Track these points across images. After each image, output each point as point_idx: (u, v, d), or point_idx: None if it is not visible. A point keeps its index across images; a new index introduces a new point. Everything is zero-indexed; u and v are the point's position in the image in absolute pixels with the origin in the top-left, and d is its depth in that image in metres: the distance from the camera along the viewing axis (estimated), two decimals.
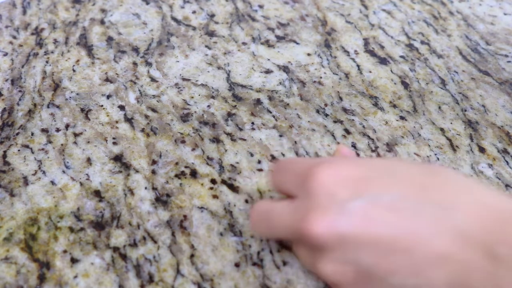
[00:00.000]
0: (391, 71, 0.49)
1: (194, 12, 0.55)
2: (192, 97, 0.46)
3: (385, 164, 0.28)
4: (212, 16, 0.55)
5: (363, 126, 0.44)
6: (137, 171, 0.40)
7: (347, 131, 0.43)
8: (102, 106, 0.45)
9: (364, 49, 0.51)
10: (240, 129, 0.43)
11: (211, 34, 0.53)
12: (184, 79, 0.48)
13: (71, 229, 0.36)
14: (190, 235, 0.36)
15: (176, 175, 0.40)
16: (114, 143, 0.42)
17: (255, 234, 0.33)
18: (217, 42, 0.52)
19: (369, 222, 0.26)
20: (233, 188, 0.39)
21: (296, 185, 0.29)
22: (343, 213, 0.26)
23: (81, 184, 0.39)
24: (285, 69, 0.49)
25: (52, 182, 0.39)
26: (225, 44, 0.51)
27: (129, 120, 0.44)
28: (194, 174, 0.40)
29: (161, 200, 0.38)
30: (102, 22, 0.54)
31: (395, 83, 0.46)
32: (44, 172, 0.40)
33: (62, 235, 0.36)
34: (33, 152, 0.42)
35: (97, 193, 0.39)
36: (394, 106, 0.45)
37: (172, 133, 0.43)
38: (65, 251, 0.35)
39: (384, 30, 0.54)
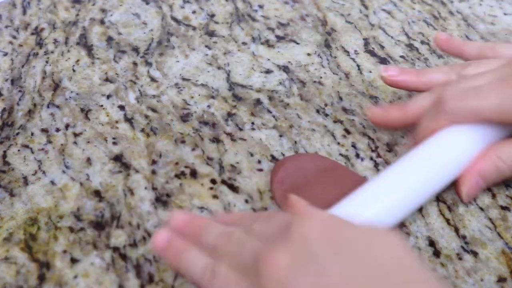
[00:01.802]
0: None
1: (194, 12, 0.55)
2: (192, 97, 0.46)
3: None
4: (212, 16, 0.55)
5: (363, 126, 0.44)
6: (137, 171, 0.40)
7: (347, 131, 0.43)
8: (102, 106, 0.45)
9: (364, 49, 0.51)
10: (240, 129, 0.43)
11: (211, 34, 0.53)
12: (184, 79, 0.48)
13: (71, 229, 0.36)
14: None
15: (176, 175, 0.40)
16: (114, 143, 0.42)
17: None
18: (217, 42, 0.52)
19: None
20: (233, 188, 0.39)
21: (276, 230, 0.29)
22: (306, 265, 0.26)
23: (81, 184, 0.39)
24: (285, 69, 0.49)
25: (52, 182, 0.39)
26: (225, 44, 0.51)
27: (129, 120, 0.44)
28: (194, 174, 0.40)
29: (161, 200, 0.38)
30: (102, 22, 0.54)
31: None
32: (44, 172, 0.40)
33: (62, 235, 0.36)
34: (33, 152, 0.42)
35: (97, 193, 0.39)
36: None
37: (172, 133, 0.43)
38: (65, 251, 0.35)
39: (384, 30, 0.54)
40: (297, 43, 0.52)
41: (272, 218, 0.31)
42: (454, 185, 0.38)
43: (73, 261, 0.34)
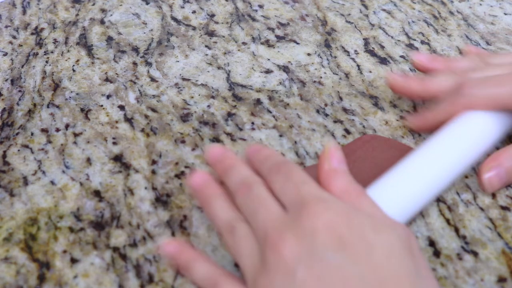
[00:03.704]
0: (391, 71, 0.49)
1: (194, 12, 0.55)
2: (192, 97, 0.46)
3: (364, 228, 0.29)
4: (212, 16, 0.55)
5: (363, 126, 0.44)
6: (137, 171, 0.40)
7: (347, 131, 0.43)
8: (102, 106, 0.45)
9: (364, 49, 0.51)
10: (240, 129, 0.43)
11: (211, 34, 0.53)
12: (184, 79, 0.48)
13: (71, 229, 0.36)
14: (190, 235, 0.36)
15: (176, 175, 0.40)
16: (114, 143, 0.42)
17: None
18: (217, 42, 0.52)
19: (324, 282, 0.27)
20: None
21: (290, 201, 0.30)
22: (311, 259, 0.27)
23: (81, 184, 0.39)
24: (285, 69, 0.49)
25: (52, 182, 0.39)
26: (225, 44, 0.51)
27: (129, 120, 0.44)
28: None
29: (161, 200, 0.38)
30: (102, 22, 0.54)
31: None
32: (44, 172, 0.40)
33: (62, 235, 0.36)
34: (33, 152, 0.42)
35: (97, 193, 0.39)
36: (394, 106, 0.45)
37: (172, 133, 0.43)
38: (65, 251, 0.35)
39: (384, 30, 0.54)
40: (297, 43, 0.52)
41: (291, 175, 0.31)
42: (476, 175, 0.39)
43: (73, 261, 0.34)
